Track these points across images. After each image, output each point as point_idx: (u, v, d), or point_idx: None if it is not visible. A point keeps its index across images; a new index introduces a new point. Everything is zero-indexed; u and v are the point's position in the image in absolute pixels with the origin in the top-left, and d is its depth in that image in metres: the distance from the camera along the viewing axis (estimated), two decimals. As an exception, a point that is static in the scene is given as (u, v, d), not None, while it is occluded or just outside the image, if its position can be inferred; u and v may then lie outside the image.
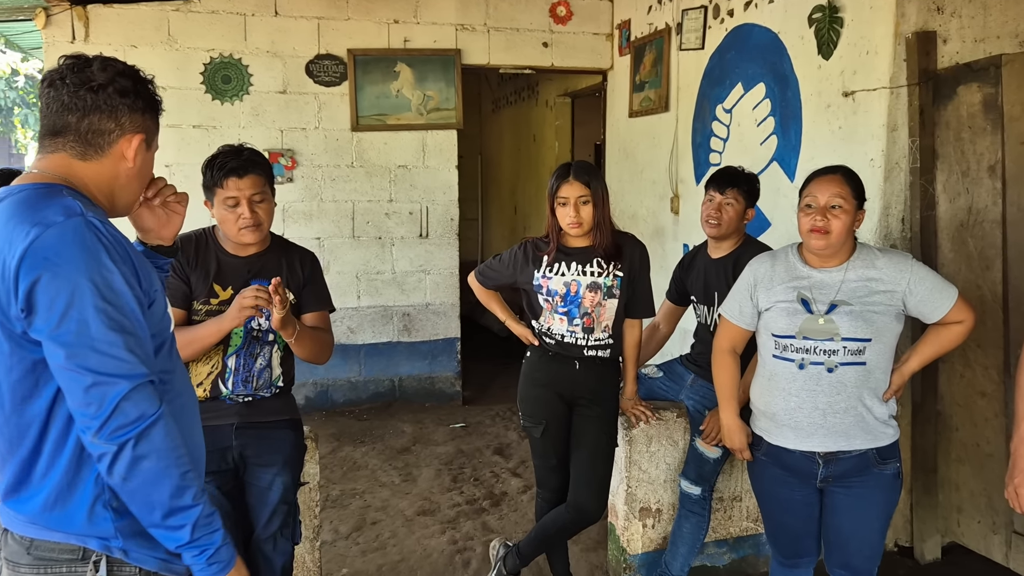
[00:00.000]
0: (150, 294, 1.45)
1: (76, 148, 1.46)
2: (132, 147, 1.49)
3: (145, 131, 1.52)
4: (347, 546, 3.57)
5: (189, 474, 1.40)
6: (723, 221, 2.92)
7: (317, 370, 5.63)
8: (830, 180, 2.27)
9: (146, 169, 1.57)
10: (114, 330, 1.33)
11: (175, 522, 1.38)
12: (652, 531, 3.15)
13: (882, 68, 3.33)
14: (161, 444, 1.36)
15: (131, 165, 1.50)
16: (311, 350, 2.53)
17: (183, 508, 1.38)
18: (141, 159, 1.52)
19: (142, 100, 1.51)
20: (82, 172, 1.46)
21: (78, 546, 1.41)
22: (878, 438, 2.25)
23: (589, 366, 2.83)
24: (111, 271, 1.35)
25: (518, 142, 8.54)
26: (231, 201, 2.43)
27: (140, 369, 1.36)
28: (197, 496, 1.40)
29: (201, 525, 1.40)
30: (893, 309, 2.24)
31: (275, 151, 5.36)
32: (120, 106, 1.46)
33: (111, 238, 1.37)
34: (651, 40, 5.19)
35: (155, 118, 1.57)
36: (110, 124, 1.46)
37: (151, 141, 1.55)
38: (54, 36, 4.99)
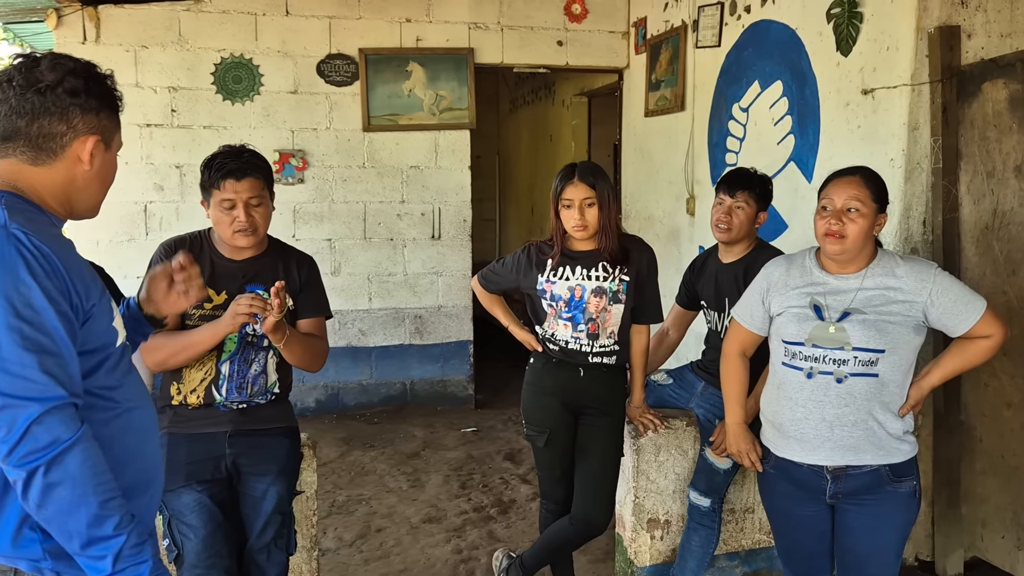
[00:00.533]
0: (85, 309, 1.37)
1: (27, 153, 1.39)
2: (87, 149, 1.42)
3: (101, 132, 1.44)
4: (350, 554, 3.50)
5: (111, 502, 1.31)
6: (733, 225, 2.82)
7: (328, 373, 5.58)
8: (848, 182, 2.16)
9: (106, 170, 1.50)
10: (28, 350, 1.26)
11: (95, 552, 1.30)
12: (660, 543, 3.05)
13: (903, 64, 3.20)
14: (77, 471, 1.28)
15: (87, 168, 1.44)
16: (302, 357, 2.47)
17: (103, 538, 1.30)
18: (99, 161, 1.46)
19: (95, 99, 1.42)
20: (33, 178, 1.40)
21: (9, 567, 1.36)
22: (891, 454, 2.14)
23: (594, 373, 2.74)
24: (29, 287, 1.27)
25: (535, 142, 8.45)
26: (227, 203, 2.37)
27: (56, 392, 1.27)
28: (121, 526, 1.32)
29: (125, 556, 1.32)
30: (911, 320, 2.12)
31: (286, 151, 5.32)
32: (71, 107, 1.39)
33: (35, 251, 1.29)
34: (667, 38, 5.09)
35: (113, 116, 1.48)
36: (61, 127, 1.39)
37: (109, 141, 1.48)
38: (65, 37, 4.98)
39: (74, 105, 1.39)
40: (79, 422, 1.31)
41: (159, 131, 5.14)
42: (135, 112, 5.10)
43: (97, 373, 1.41)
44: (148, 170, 5.15)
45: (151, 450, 1.54)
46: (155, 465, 1.55)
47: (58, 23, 4.95)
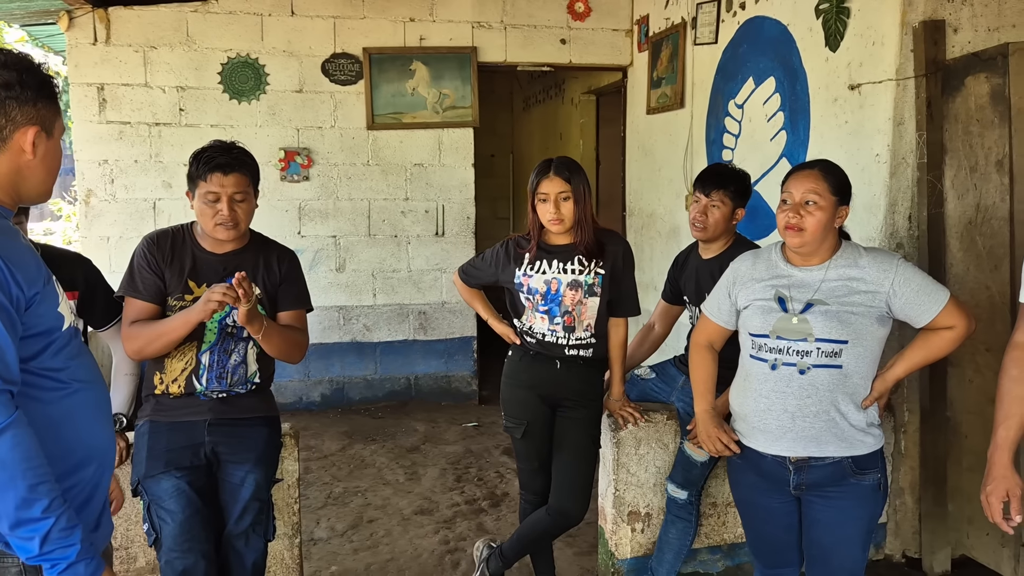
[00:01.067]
0: (27, 297, 1.42)
1: None
2: (28, 139, 1.47)
3: (40, 121, 1.48)
4: (340, 544, 3.56)
5: (40, 487, 1.37)
6: (708, 224, 2.83)
7: (333, 368, 5.66)
8: (805, 175, 2.17)
9: (51, 157, 1.54)
10: None
11: (23, 533, 1.36)
12: (641, 536, 3.07)
13: (889, 59, 3.20)
14: (7, 455, 1.34)
15: (31, 157, 1.48)
16: (280, 348, 2.51)
17: (30, 520, 1.36)
18: (42, 149, 1.50)
19: (31, 90, 1.46)
20: None
21: None
22: (854, 446, 2.15)
23: (571, 366, 2.77)
24: None
25: (546, 140, 8.48)
26: (211, 196, 2.42)
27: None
28: (50, 509, 1.37)
29: (53, 539, 1.37)
30: (875, 311, 2.13)
31: (291, 149, 5.41)
32: (7, 100, 1.43)
33: None
34: (668, 35, 5.10)
35: (51, 105, 1.52)
36: (0, 120, 1.44)
37: (50, 129, 1.52)
38: (77, 38, 5.11)
39: (10, 98, 1.43)
40: (13, 408, 1.36)
41: (167, 130, 5.25)
42: (144, 111, 5.22)
43: (43, 355, 1.47)
44: (157, 168, 5.26)
45: (101, 426, 1.60)
46: (105, 439, 1.61)
47: (70, 25, 5.07)
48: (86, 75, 5.14)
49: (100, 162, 5.23)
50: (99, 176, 5.24)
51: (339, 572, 3.31)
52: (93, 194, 5.25)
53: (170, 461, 2.41)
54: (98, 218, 5.27)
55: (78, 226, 5.86)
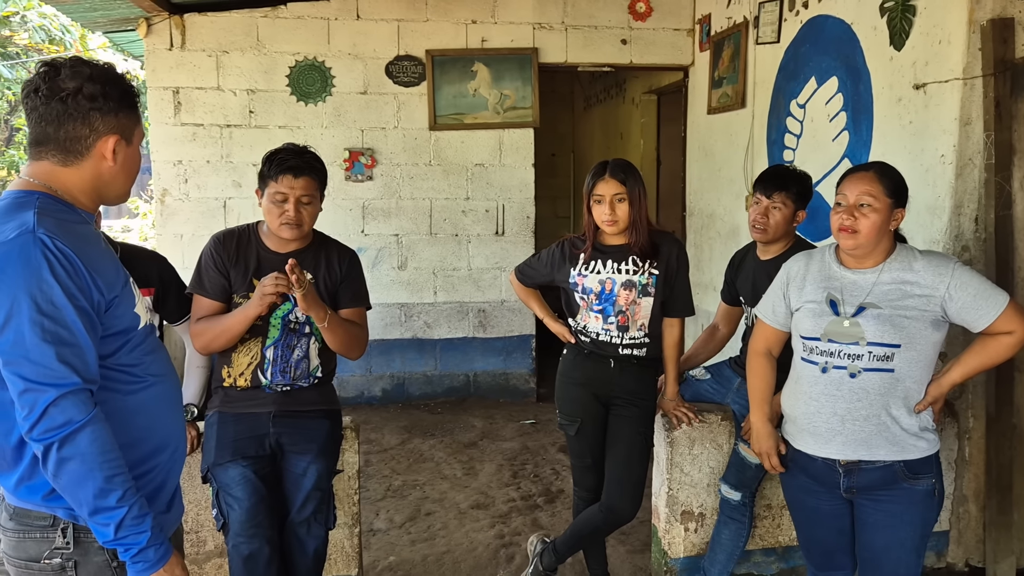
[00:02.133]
0: (107, 300, 1.53)
1: (58, 156, 1.55)
2: (109, 148, 1.57)
3: (120, 131, 1.58)
4: (399, 535, 3.66)
5: (116, 478, 1.48)
6: (769, 226, 2.82)
7: (394, 363, 5.79)
8: (860, 178, 2.16)
9: (131, 163, 1.64)
10: (48, 342, 1.43)
11: (101, 520, 1.48)
12: (695, 535, 3.08)
13: (955, 58, 3.14)
14: (87, 448, 1.45)
15: (112, 164, 1.58)
16: (342, 340, 2.60)
17: (107, 508, 1.47)
18: (122, 156, 1.60)
19: (112, 101, 1.56)
20: (64, 177, 1.56)
21: (49, 514, 1.55)
22: (906, 451, 2.13)
23: (624, 365, 2.80)
24: (51, 286, 1.43)
25: (607, 140, 8.48)
26: (280, 196, 2.52)
27: (71, 379, 1.44)
28: (124, 498, 1.48)
29: (127, 525, 1.49)
30: (929, 315, 2.11)
31: (356, 150, 5.54)
32: (91, 111, 1.53)
33: (58, 253, 1.45)
34: (729, 34, 5.06)
35: (131, 114, 1.61)
36: (84, 130, 1.54)
37: (130, 137, 1.61)
38: (154, 44, 5.33)
39: (94, 109, 1.53)
40: (92, 405, 1.48)
41: (238, 131, 5.44)
42: (216, 114, 5.41)
43: (120, 352, 1.58)
44: (227, 168, 5.46)
45: (173, 416, 1.72)
46: (177, 428, 1.73)
47: (148, 31, 5.30)
48: (162, 79, 5.36)
49: (175, 162, 5.45)
50: (174, 176, 5.46)
51: (396, 562, 3.40)
52: (168, 193, 5.47)
53: (237, 450, 2.52)
54: (172, 216, 5.49)
55: (154, 224, 6.11)
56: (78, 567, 1.57)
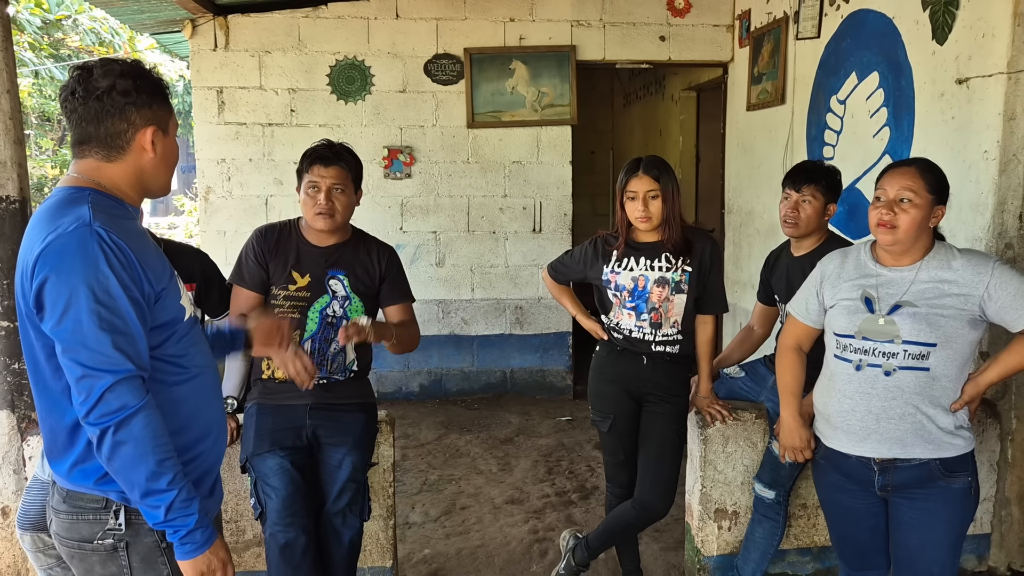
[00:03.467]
0: (156, 292, 1.60)
1: (101, 152, 1.62)
2: (148, 139, 1.64)
3: (156, 121, 1.65)
4: (434, 528, 3.70)
5: (167, 462, 1.55)
6: (800, 220, 2.80)
7: (431, 359, 5.84)
8: (902, 172, 2.14)
9: (169, 153, 1.70)
10: (104, 330, 1.49)
11: (151, 502, 1.55)
12: (728, 533, 3.07)
13: (999, 52, 3.07)
14: (140, 433, 1.52)
15: (152, 155, 1.65)
16: (405, 346, 2.72)
17: (158, 491, 1.54)
18: (161, 147, 1.67)
19: (145, 94, 1.62)
20: (110, 172, 1.64)
21: (102, 497, 1.62)
22: (942, 448, 2.10)
23: (657, 362, 2.80)
24: (107, 276, 1.50)
25: (646, 137, 8.44)
26: (312, 186, 2.58)
27: (126, 365, 1.51)
28: (174, 482, 1.55)
29: (176, 508, 1.55)
30: (966, 314, 2.08)
31: (395, 148, 5.60)
32: (126, 106, 1.60)
33: (113, 246, 1.52)
34: (769, 30, 5.01)
35: (163, 105, 1.68)
36: (122, 125, 1.61)
37: (166, 127, 1.68)
38: (199, 45, 5.44)
39: (128, 104, 1.60)
40: (144, 392, 1.54)
41: (279, 130, 5.53)
42: (259, 112, 5.52)
43: (166, 344, 1.65)
44: (269, 166, 5.56)
45: (215, 405, 1.80)
46: (217, 417, 1.80)
47: (193, 32, 5.41)
48: (207, 79, 5.47)
49: (218, 161, 5.56)
50: (217, 174, 5.57)
51: (431, 555, 3.44)
52: (212, 191, 5.59)
53: (275, 441, 2.58)
54: (216, 213, 5.61)
55: (198, 221, 6.24)
56: (129, 548, 1.64)
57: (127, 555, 1.64)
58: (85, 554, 1.65)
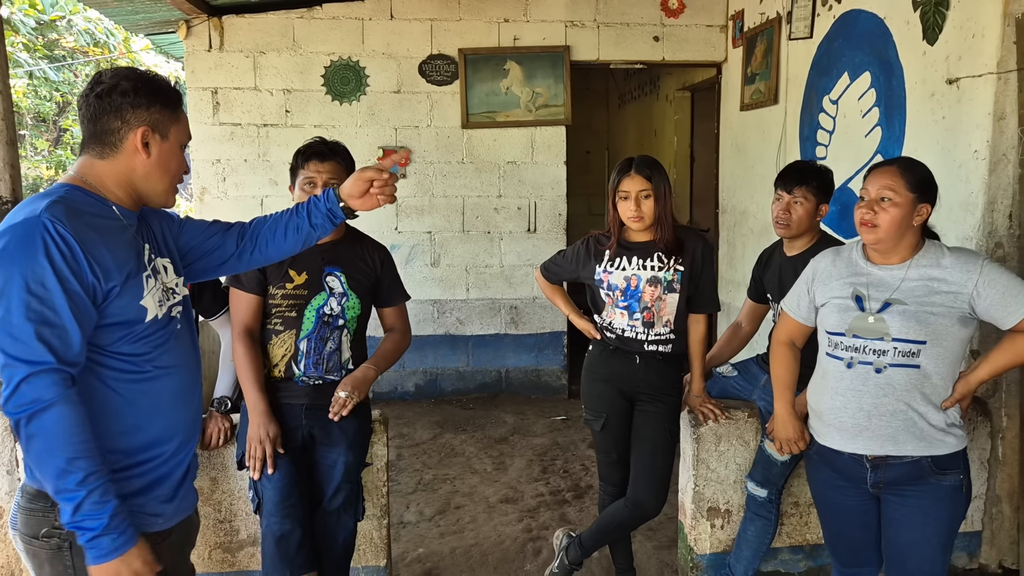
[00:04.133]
0: (105, 288, 1.58)
1: (96, 149, 1.65)
2: (138, 138, 1.64)
3: (151, 124, 1.65)
4: (428, 528, 3.71)
5: (79, 461, 1.50)
6: (792, 222, 2.82)
7: (427, 359, 5.85)
8: (882, 172, 2.16)
9: (166, 159, 1.70)
10: (31, 320, 1.49)
11: (61, 500, 1.52)
12: (721, 532, 3.09)
13: (989, 52, 3.10)
14: (52, 428, 1.49)
15: (145, 157, 1.66)
16: (392, 362, 2.79)
17: (66, 490, 1.50)
18: (157, 150, 1.67)
19: (144, 96, 1.64)
20: (100, 170, 1.65)
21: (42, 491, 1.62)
22: (933, 446, 2.12)
23: (649, 361, 2.81)
24: (44, 267, 1.50)
25: (641, 137, 8.46)
26: (308, 182, 2.59)
27: (46, 357, 1.50)
28: (84, 483, 1.50)
29: (84, 510, 1.51)
30: (956, 312, 2.10)
31: (389, 148, 5.61)
32: (123, 105, 1.62)
33: (57, 237, 1.51)
34: (762, 30, 5.03)
35: (165, 110, 1.68)
36: (116, 122, 1.63)
37: (164, 132, 1.68)
38: (194, 45, 5.45)
39: (125, 103, 1.62)
40: (65, 387, 1.51)
41: (274, 131, 5.54)
42: (253, 113, 5.52)
43: (120, 342, 1.63)
44: (264, 167, 5.57)
45: (182, 409, 1.76)
46: (188, 419, 1.77)
47: (188, 33, 5.42)
48: (201, 80, 5.48)
49: (213, 161, 5.57)
50: (212, 174, 5.58)
51: (425, 554, 3.45)
52: (207, 191, 5.60)
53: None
54: (211, 214, 5.60)
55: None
56: (72, 548, 1.60)
57: (71, 555, 1.61)
58: (34, 550, 1.65)
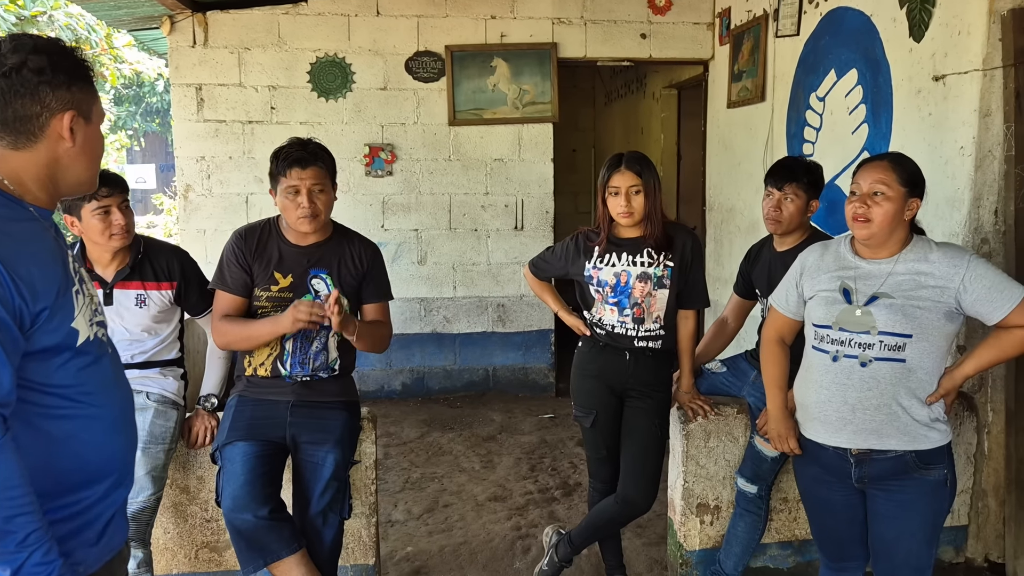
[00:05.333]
0: (33, 313, 1.32)
1: (7, 138, 1.38)
2: (65, 125, 1.40)
3: (75, 105, 1.41)
4: (416, 526, 3.69)
5: (17, 519, 1.27)
6: (783, 218, 2.82)
7: (414, 358, 5.83)
8: (874, 167, 2.16)
9: (92, 143, 1.47)
10: None
11: None
12: (711, 528, 3.09)
13: (975, 49, 3.11)
14: None
15: (70, 144, 1.41)
16: (370, 344, 2.69)
17: (4, 551, 1.27)
18: (82, 136, 1.43)
19: (63, 73, 1.38)
20: (15, 162, 1.39)
21: None
22: (917, 440, 2.13)
23: (639, 357, 2.81)
24: None
25: (627, 135, 8.47)
26: (292, 190, 2.56)
27: None
28: (25, 544, 1.27)
29: (26, 572, 1.28)
30: (943, 307, 2.11)
31: (376, 145, 5.58)
32: (40, 85, 1.36)
33: None
34: (749, 28, 5.04)
35: (85, 87, 1.43)
36: (35, 107, 1.37)
37: (88, 114, 1.44)
38: (178, 41, 5.40)
39: (43, 83, 1.36)
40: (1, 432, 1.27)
41: (259, 127, 5.50)
42: (238, 110, 5.48)
43: (50, 371, 1.38)
44: (249, 164, 5.52)
45: (115, 443, 1.50)
46: (121, 454, 1.52)
47: (171, 29, 5.37)
48: (185, 76, 5.43)
49: (198, 159, 5.52)
50: (197, 172, 5.53)
51: (414, 553, 3.43)
52: (191, 189, 5.55)
53: (250, 430, 2.58)
54: (196, 212, 5.57)
55: (178, 219, 6.19)
56: None
57: None
58: None
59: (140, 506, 2.57)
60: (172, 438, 2.72)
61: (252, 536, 2.44)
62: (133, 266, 2.70)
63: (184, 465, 2.86)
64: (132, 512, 2.56)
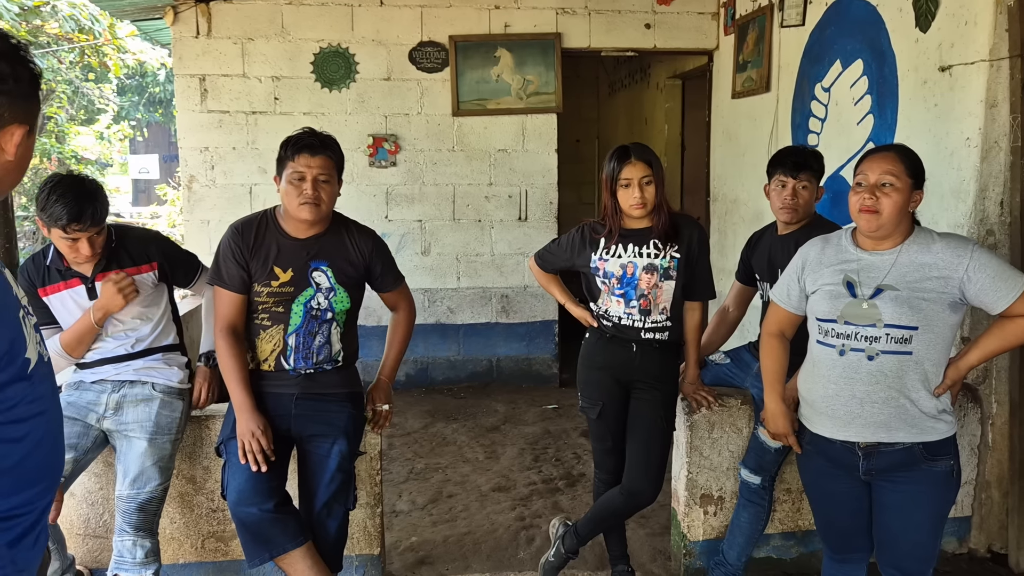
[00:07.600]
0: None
1: None
2: (13, 141, 1.23)
3: (29, 120, 1.25)
4: (420, 516, 3.71)
5: None
6: (800, 207, 2.81)
7: (417, 348, 5.83)
8: (882, 157, 2.15)
9: (27, 155, 1.30)
10: None
11: None
12: (714, 519, 3.10)
13: (982, 40, 3.10)
14: None
15: (11, 159, 1.24)
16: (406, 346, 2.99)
17: None
18: (23, 150, 1.26)
19: (24, 83, 1.22)
20: None
21: None
22: (925, 432, 2.13)
23: (646, 349, 2.81)
24: None
25: (631, 125, 8.45)
26: (298, 175, 2.53)
27: None
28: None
29: None
30: (947, 297, 2.10)
31: (379, 136, 5.58)
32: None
33: None
34: (754, 18, 5.02)
35: (36, 100, 1.28)
36: None
37: (35, 127, 1.29)
38: (181, 32, 5.39)
39: (2, 93, 1.20)
40: None
41: (263, 118, 5.50)
42: (242, 101, 5.48)
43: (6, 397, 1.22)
44: (253, 154, 5.52)
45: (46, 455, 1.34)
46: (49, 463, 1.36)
47: (175, 19, 5.36)
48: (189, 67, 5.43)
49: (201, 149, 5.52)
50: (200, 163, 5.53)
51: (418, 543, 3.45)
52: (195, 180, 5.55)
53: None
54: (199, 202, 5.57)
55: (181, 210, 6.19)
56: None
57: None
58: None
59: (148, 496, 2.58)
60: (179, 428, 2.73)
61: (258, 530, 2.45)
62: (109, 256, 2.71)
63: (190, 455, 2.88)
64: (140, 502, 2.57)
